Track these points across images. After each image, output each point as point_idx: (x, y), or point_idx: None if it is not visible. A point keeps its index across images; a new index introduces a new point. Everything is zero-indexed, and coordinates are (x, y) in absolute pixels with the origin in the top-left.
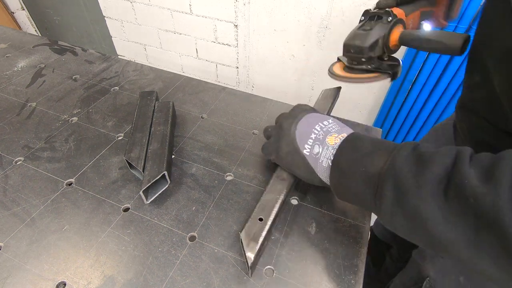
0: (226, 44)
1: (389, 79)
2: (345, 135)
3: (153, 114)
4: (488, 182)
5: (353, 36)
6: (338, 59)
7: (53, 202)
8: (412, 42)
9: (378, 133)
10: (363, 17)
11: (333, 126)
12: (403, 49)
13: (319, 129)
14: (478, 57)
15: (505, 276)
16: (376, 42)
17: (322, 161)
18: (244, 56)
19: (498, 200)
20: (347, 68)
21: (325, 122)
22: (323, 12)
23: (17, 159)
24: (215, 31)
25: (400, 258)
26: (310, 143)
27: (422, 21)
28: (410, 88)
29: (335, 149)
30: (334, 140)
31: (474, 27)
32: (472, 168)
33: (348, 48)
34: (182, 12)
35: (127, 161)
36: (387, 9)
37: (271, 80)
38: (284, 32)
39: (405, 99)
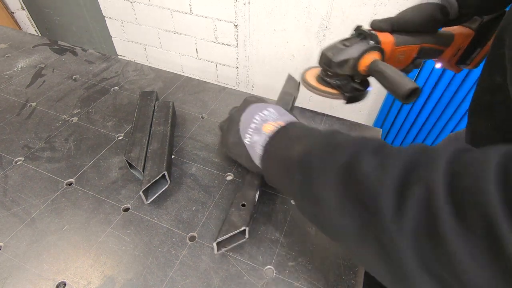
0: (226, 44)
1: (343, 101)
2: (282, 123)
3: (153, 114)
4: (379, 169)
5: (330, 47)
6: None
7: (53, 202)
8: (375, 74)
9: (378, 133)
10: (353, 32)
11: (272, 115)
12: None
13: (258, 119)
14: (502, 54)
15: (387, 274)
16: (345, 61)
17: (256, 148)
18: (244, 56)
19: (381, 187)
20: (318, 77)
21: (265, 112)
22: (323, 12)
23: (17, 159)
24: (215, 31)
25: None
26: (250, 132)
27: (424, 59)
28: None
29: (268, 137)
30: (269, 128)
31: None
32: (370, 157)
33: (321, 57)
34: (182, 12)
35: (127, 161)
36: (373, 32)
37: (271, 80)
38: (284, 32)
39: None
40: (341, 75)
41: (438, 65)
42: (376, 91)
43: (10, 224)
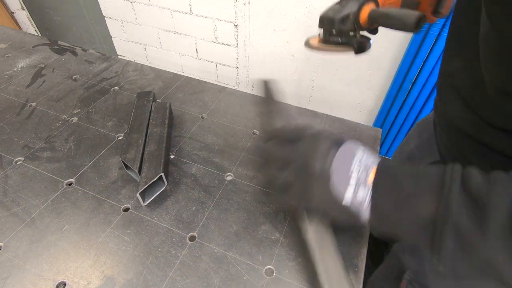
0: (226, 44)
1: (352, 52)
2: (374, 167)
3: (150, 115)
4: None
5: (328, 9)
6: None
7: (53, 202)
8: (379, 18)
9: (378, 133)
10: None
11: (368, 156)
12: (403, 50)
13: (357, 166)
14: (464, 38)
15: None
16: (347, 16)
17: (365, 203)
18: (244, 56)
19: None
20: (322, 41)
21: (360, 152)
22: None
23: (17, 159)
24: (215, 31)
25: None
26: (352, 189)
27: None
28: (410, 88)
29: (372, 189)
30: (372, 175)
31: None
32: None
33: (322, 19)
34: (182, 12)
35: (123, 162)
36: None
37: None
38: (284, 32)
39: (405, 99)
40: (344, 31)
41: None
42: (376, 91)
43: (10, 224)
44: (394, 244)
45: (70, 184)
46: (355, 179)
